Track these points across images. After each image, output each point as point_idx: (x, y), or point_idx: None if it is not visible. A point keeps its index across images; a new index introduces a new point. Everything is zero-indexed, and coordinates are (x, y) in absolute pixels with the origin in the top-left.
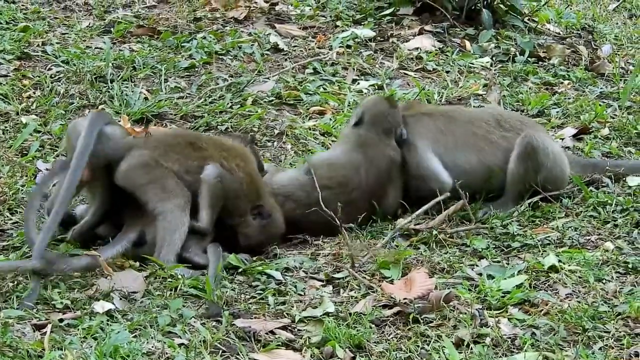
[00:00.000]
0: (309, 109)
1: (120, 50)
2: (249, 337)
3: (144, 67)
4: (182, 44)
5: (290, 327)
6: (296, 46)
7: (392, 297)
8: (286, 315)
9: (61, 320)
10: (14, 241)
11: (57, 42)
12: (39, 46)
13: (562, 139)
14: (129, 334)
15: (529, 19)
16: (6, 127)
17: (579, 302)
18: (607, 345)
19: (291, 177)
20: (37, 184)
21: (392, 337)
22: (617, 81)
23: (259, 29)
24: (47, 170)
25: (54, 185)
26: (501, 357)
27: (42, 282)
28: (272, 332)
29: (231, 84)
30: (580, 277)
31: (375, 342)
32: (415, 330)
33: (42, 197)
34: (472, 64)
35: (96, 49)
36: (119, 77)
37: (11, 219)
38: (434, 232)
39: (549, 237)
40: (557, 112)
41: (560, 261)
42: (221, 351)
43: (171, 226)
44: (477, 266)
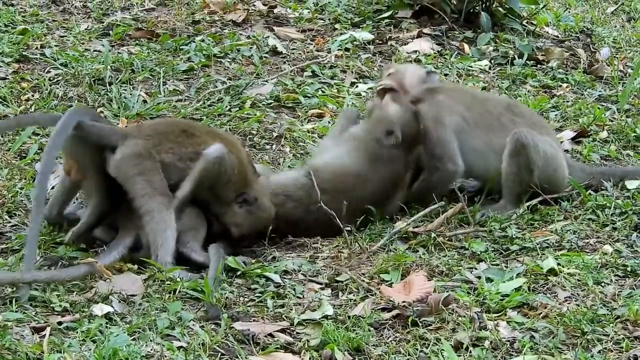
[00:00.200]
0: (307, 112)
1: (118, 53)
2: (247, 340)
3: (143, 70)
4: (181, 47)
5: (289, 330)
6: (295, 49)
7: (391, 300)
8: (285, 318)
9: (60, 323)
10: (13, 244)
11: (55, 45)
12: (37, 49)
13: (561, 142)
14: (128, 336)
15: (527, 22)
16: None
17: (578, 305)
18: (606, 348)
19: (291, 177)
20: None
21: (391, 340)
22: (615, 84)
23: (258, 31)
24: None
25: (53, 188)
26: None
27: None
28: (270, 335)
29: (230, 87)
30: (579, 280)
31: (374, 345)
32: (414, 333)
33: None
34: (471, 67)
35: (95, 51)
36: (117, 79)
37: (10, 222)
38: (433, 235)
39: (547, 240)
40: (556, 115)
41: (559, 264)
42: (220, 354)
43: (160, 226)
44: (476, 269)
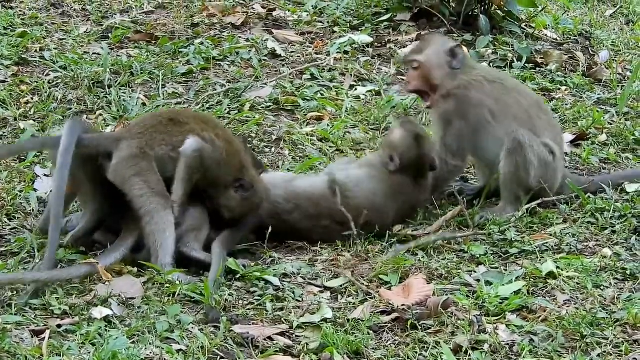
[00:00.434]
0: (306, 115)
1: (117, 55)
2: (247, 343)
3: (142, 73)
4: (180, 50)
5: (288, 333)
6: (294, 52)
7: (390, 304)
8: (284, 321)
9: (59, 326)
10: (12, 247)
11: (55, 48)
12: (36, 52)
13: None
14: (127, 340)
15: (526, 25)
16: (4, 133)
17: (577, 309)
18: (605, 351)
19: (308, 189)
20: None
21: (390, 344)
22: (614, 87)
23: (257, 34)
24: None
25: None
26: None
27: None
28: (270, 338)
29: (229, 90)
30: (578, 284)
31: (373, 349)
32: (413, 336)
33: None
34: None
35: (94, 54)
36: (116, 82)
37: (9, 225)
38: (432, 238)
39: (547, 243)
40: (555, 118)
41: (558, 267)
42: (219, 357)
43: (159, 227)
44: (475, 272)
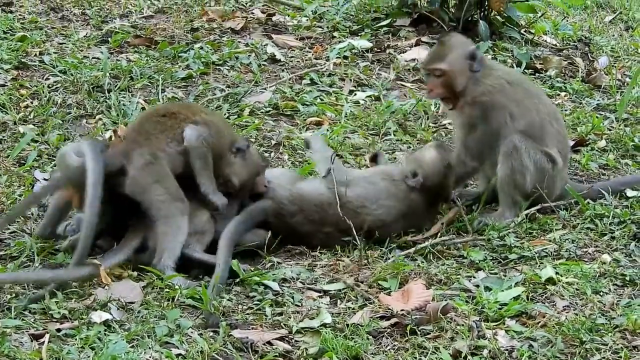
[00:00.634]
0: (305, 120)
1: (117, 60)
2: (246, 347)
3: (141, 77)
4: (180, 54)
5: (287, 338)
6: (293, 57)
7: (389, 309)
8: (283, 326)
9: (59, 330)
10: (12, 250)
11: (54, 52)
12: (36, 56)
13: None
14: (127, 344)
15: (525, 31)
16: (4, 137)
17: (577, 315)
18: (604, 357)
19: (313, 191)
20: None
21: (389, 349)
22: (613, 93)
23: (256, 39)
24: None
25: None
26: None
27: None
28: (269, 342)
29: (228, 95)
30: (577, 290)
31: (372, 354)
32: (412, 341)
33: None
34: None
35: (93, 58)
36: (116, 87)
37: (9, 229)
38: (431, 242)
39: (546, 249)
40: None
41: (557, 273)
42: None
43: (172, 231)
44: (474, 278)
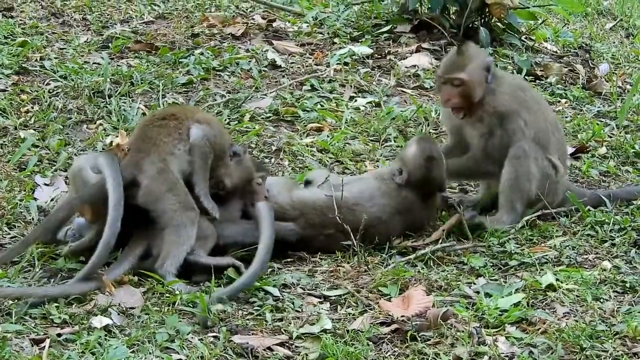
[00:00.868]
0: (306, 126)
1: (118, 65)
2: (246, 353)
3: (142, 83)
4: (180, 60)
5: (287, 344)
6: (294, 63)
7: (389, 315)
8: (283, 331)
9: (59, 335)
10: None
11: (55, 57)
12: (37, 61)
13: None
14: (127, 349)
15: (526, 38)
16: (4, 142)
17: (577, 321)
18: None
19: (313, 196)
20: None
21: (389, 355)
22: (614, 100)
23: (257, 45)
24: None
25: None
26: None
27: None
28: (269, 348)
29: (229, 100)
30: (577, 296)
31: None
32: (412, 348)
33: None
34: None
35: (94, 64)
36: (116, 92)
37: (9, 234)
38: (432, 248)
39: (546, 255)
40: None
41: (557, 280)
42: None
43: (180, 240)
44: (474, 284)
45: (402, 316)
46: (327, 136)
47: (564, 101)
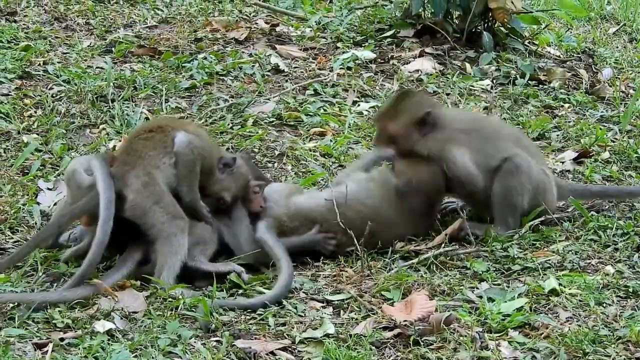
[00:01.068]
0: (309, 130)
1: (121, 70)
2: (249, 357)
3: (145, 87)
4: (183, 64)
5: (290, 348)
6: (297, 67)
7: (392, 319)
8: (286, 336)
9: (62, 339)
10: None
11: (58, 62)
12: (40, 65)
13: (563, 162)
14: (130, 353)
15: (529, 42)
16: (7, 146)
17: (580, 326)
18: None
19: (312, 204)
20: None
21: (392, 359)
22: (617, 105)
23: (260, 49)
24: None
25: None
26: None
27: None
28: (272, 352)
29: (232, 105)
30: (580, 301)
31: None
32: (415, 352)
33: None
34: (473, 86)
35: (97, 68)
36: (120, 96)
37: (12, 238)
38: (435, 253)
39: (549, 260)
40: (558, 135)
41: (560, 284)
42: None
43: (173, 249)
44: (477, 289)
45: (405, 321)
46: (330, 141)
47: (567, 106)
